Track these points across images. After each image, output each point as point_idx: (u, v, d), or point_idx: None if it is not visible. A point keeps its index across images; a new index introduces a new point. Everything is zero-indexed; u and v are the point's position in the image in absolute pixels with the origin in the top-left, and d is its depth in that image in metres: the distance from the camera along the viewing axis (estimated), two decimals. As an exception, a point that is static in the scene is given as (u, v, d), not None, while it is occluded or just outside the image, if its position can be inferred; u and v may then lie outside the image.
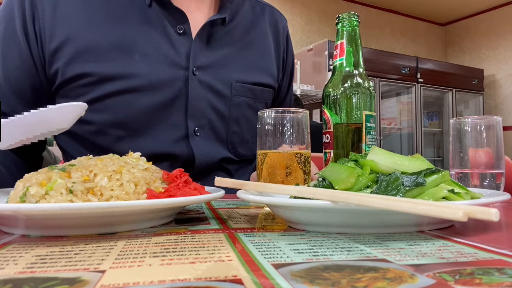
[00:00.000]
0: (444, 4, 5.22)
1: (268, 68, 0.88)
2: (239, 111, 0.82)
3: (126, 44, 0.72)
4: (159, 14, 0.75)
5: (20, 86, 0.73)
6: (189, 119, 0.76)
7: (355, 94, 0.61)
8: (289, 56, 0.96)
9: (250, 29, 0.86)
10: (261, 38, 0.88)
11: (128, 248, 0.31)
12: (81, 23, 0.72)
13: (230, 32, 0.83)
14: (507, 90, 5.14)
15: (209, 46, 0.79)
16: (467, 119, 0.65)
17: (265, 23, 0.90)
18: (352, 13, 0.63)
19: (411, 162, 0.41)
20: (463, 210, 0.26)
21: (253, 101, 0.84)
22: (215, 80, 0.79)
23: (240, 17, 0.85)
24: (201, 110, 0.77)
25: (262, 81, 0.85)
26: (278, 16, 0.95)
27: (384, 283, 0.22)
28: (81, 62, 0.71)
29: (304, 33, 4.65)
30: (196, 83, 0.76)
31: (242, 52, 0.84)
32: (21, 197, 0.38)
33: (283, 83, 0.95)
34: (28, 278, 0.23)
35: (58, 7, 0.72)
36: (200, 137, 0.78)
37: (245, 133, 0.84)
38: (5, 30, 0.72)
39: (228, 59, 0.81)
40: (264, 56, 0.88)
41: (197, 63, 0.77)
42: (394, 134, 4.66)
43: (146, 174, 0.43)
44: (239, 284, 0.22)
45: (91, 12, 0.73)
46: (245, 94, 0.82)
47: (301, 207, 0.36)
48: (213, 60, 0.79)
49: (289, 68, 0.96)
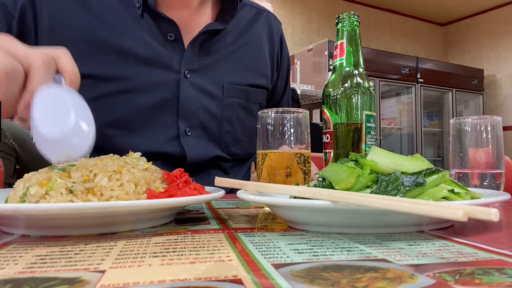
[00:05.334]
0: (444, 4, 5.22)
1: (262, 69, 0.90)
2: (231, 111, 0.84)
3: (122, 48, 0.75)
4: (150, 23, 0.78)
5: None
6: (180, 120, 0.79)
7: (355, 94, 0.61)
8: (284, 58, 0.98)
9: (244, 33, 0.89)
10: (255, 41, 0.90)
11: (128, 248, 0.31)
12: (78, 26, 0.74)
13: (224, 37, 0.85)
14: (507, 90, 5.14)
15: (202, 52, 0.81)
16: (467, 119, 0.65)
17: (260, 26, 0.92)
18: (352, 13, 0.63)
19: (411, 162, 0.41)
20: (463, 210, 0.26)
21: (246, 102, 0.86)
22: (207, 82, 0.81)
23: (235, 22, 0.87)
24: (193, 111, 0.79)
25: (255, 82, 0.87)
26: (272, 20, 0.97)
27: (384, 283, 0.22)
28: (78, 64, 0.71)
29: (304, 33, 4.65)
30: (188, 85, 0.79)
31: (235, 55, 0.86)
32: (21, 197, 0.38)
33: (278, 84, 0.97)
34: (28, 278, 0.23)
35: (56, 11, 0.74)
36: (191, 137, 0.80)
37: (238, 133, 0.86)
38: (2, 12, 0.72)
39: (220, 61, 0.83)
40: (258, 58, 0.90)
41: (189, 67, 0.79)
42: (394, 134, 4.66)
43: (146, 174, 0.43)
44: (239, 284, 0.22)
45: (88, 17, 0.75)
46: (238, 95, 0.85)
47: (301, 207, 0.36)
48: (205, 63, 0.81)
49: (284, 69, 0.98)
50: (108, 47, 0.74)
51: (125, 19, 0.77)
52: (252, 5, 0.94)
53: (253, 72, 0.88)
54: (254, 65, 0.88)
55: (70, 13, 0.74)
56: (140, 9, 0.76)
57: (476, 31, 5.47)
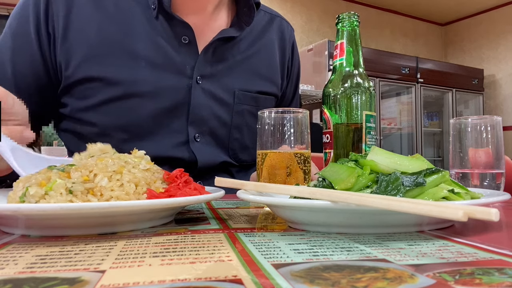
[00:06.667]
0: (444, 4, 5.22)
1: (272, 77, 0.89)
2: (241, 118, 0.84)
3: (134, 51, 0.74)
4: (165, 25, 0.77)
5: (26, 82, 0.74)
6: (190, 126, 0.78)
7: (355, 94, 0.61)
8: (294, 65, 0.98)
9: (257, 40, 0.88)
10: (266, 48, 0.89)
11: (128, 248, 0.31)
12: (92, 27, 0.73)
13: (238, 44, 0.84)
14: (507, 90, 5.14)
15: (215, 58, 0.81)
16: (467, 119, 0.65)
17: (272, 33, 0.92)
18: (352, 13, 0.63)
19: (411, 162, 0.41)
20: (463, 210, 0.26)
21: (256, 109, 0.86)
22: (218, 89, 0.80)
23: (250, 29, 0.86)
24: (203, 117, 0.79)
25: (265, 90, 0.87)
26: (285, 27, 0.96)
27: (384, 283, 0.22)
28: (90, 65, 0.72)
29: (304, 33, 4.65)
30: (199, 91, 0.78)
31: (247, 62, 0.85)
32: (21, 197, 0.38)
33: (287, 90, 0.97)
34: (28, 278, 0.23)
35: (72, 11, 0.73)
36: (200, 142, 0.80)
37: (246, 140, 0.86)
38: (17, 26, 0.74)
39: (232, 68, 0.83)
40: (269, 66, 0.89)
41: (201, 73, 0.78)
42: (394, 134, 4.66)
43: (147, 174, 0.43)
44: (239, 284, 0.22)
45: (102, 18, 0.74)
46: (248, 102, 0.84)
47: (301, 207, 0.36)
48: (217, 69, 0.81)
49: (294, 76, 0.98)
50: (120, 49, 0.73)
51: (139, 21, 0.76)
52: (266, 10, 0.94)
53: (264, 80, 0.87)
54: (265, 72, 0.88)
55: (82, 13, 0.74)
56: (155, 10, 0.75)
57: (476, 31, 5.47)
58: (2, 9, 3.71)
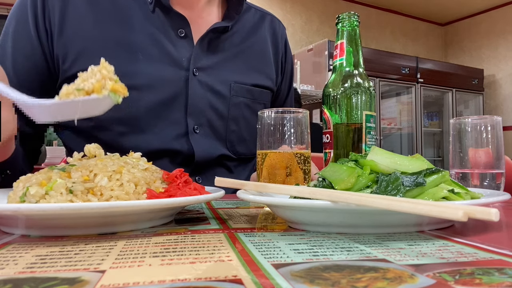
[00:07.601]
0: (444, 4, 5.21)
1: (266, 71, 0.91)
2: (237, 111, 0.85)
3: (131, 44, 0.75)
4: (162, 18, 0.79)
5: (29, 79, 0.75)
6: (189, 117, 0.79)
7: (355, 94, 0.61)
8: (288, 62, 1.00)
9: (250, 35, 0.90)
10: (260, 43, 0.92)
11: (128, 248, 0.31)
12: (88, 22, 0.75)
13: (231, 37, 0.86)
14: (507, 90, 5.14)
15: (210, 50, 0.83)
16: (467, 119, 0.65)
17: (265, 30, 0.94)
18: (352, 13, 0.63)
19: (411, 162, 0.41)
20: (463, 210, 0.26)
21: (252, 102, 0.87)
22: (215, 81, 0.82)
23: (241, 24, 0.89)
24: (201, 109, 0.80)
25: (261, 83, 0.89)
26: (277, 24, 0.98)
27: (384, 283, 0.22)
28: (86, 59, 0.73)
29: (304, 33, 4.65)
30: (196, 83, 0.79)
31: (242, 55, 0.87)
32: (21, 197, 0.38)
33: (282, 86, 0.99)
34: (28, 278, 0.23)
35: (68, 6, 0.75)
36: (200, 134, 0.80)
37: (244, 132, 0.87)
38: (16, 24, 0.75)
39: (228, 61, 0.85)
40: (263, 60, 0.91)
41: (197, 65, 0.80)
42: (394, 134, 4.66)
43: (146, 174, 0.43)
44: (239, 284, 0.22)
45: (98, 13, 0.76)
46: (244, 94, 0.86)
47: (301, 207, 0.36)
48: (213, 62, 0.82)
49: (287, 73, 1.00)
50: (117, 43, 0.74)
51: (135, 14, 0.77)
52: (257, 8, 0.97)
53: (259, 73, 0.89)
54: (259, 66, 0.90)
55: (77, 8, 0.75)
56: (152, 4, 0.77)
57: (476, 31, 5.47)
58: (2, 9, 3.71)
